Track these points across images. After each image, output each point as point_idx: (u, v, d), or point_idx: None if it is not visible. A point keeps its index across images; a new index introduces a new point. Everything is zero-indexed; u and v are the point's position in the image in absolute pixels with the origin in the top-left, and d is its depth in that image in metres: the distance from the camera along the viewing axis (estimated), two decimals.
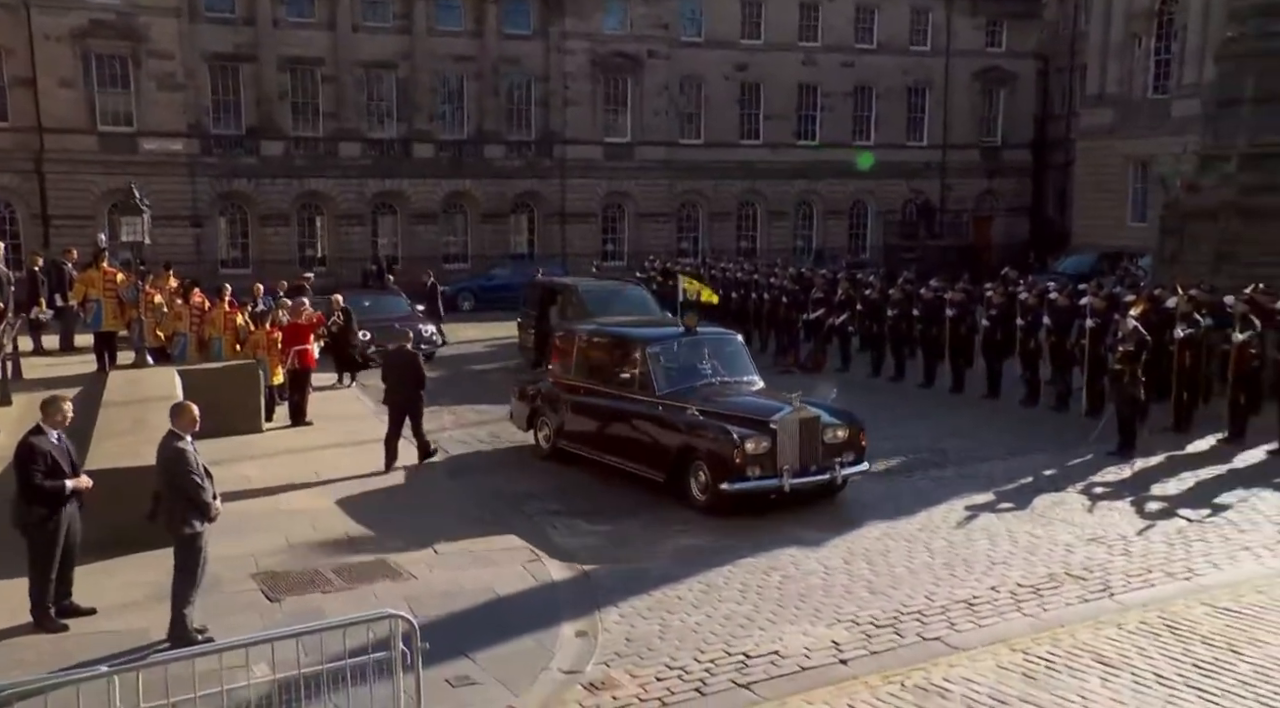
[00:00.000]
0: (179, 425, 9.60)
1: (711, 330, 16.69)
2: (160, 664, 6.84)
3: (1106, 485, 14.59)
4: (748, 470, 13.09)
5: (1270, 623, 9.84)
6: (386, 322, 26.90)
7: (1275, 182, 21.58)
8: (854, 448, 13.98)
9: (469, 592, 10.74)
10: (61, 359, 23.55)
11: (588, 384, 16.00)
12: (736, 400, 14.43)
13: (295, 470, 15.64)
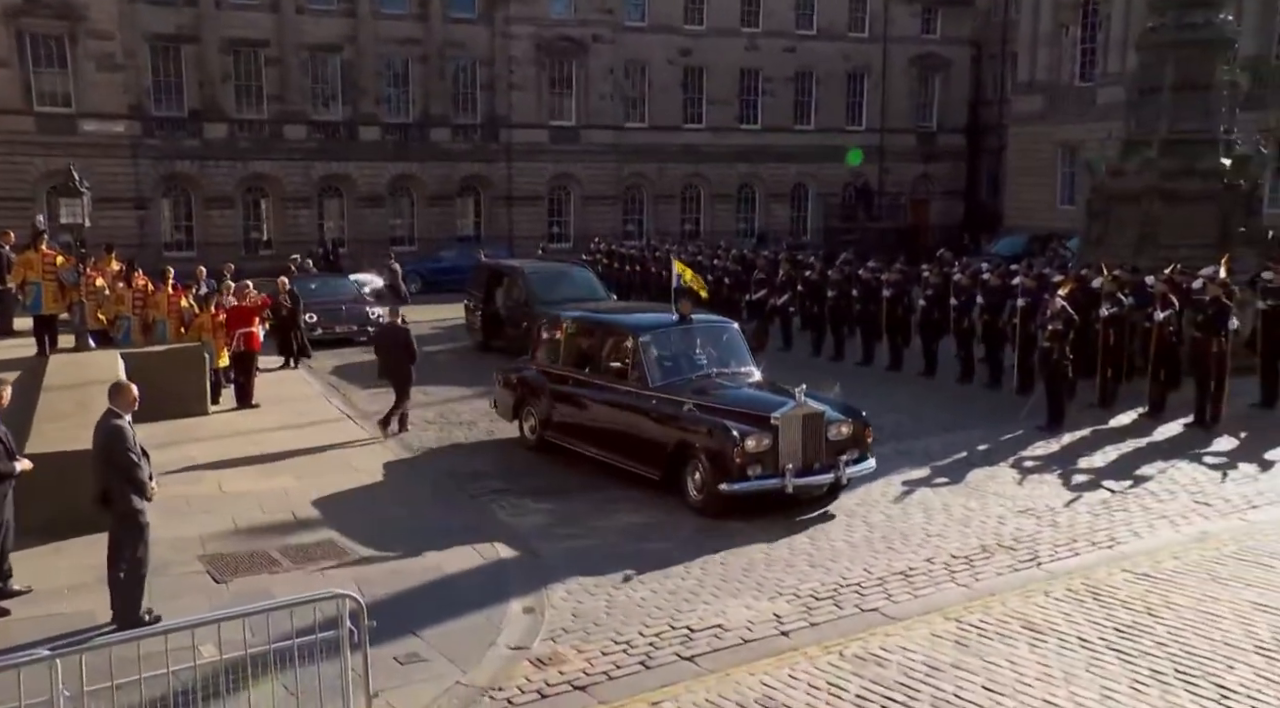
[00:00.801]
0: (118, 404, 9.46)
1: (706, 319, 15.56)
2: (104, 647, 6.76)
3: (1036, 459, 14.83)
4: (748, 470, 12.10)
5: (1184, 587, 10.11)
6: (334, 304, 26.81)
7: (1193, 167, 21.97)
8: (859, 445, 12.95)
9: (417, 571, 10.71)
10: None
11: (576, 374, 15.04)
12: (735, 394, 13.38)
13: (242, 452, 15.50)
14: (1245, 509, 12.56)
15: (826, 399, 13.37)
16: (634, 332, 14.23)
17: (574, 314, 16.33)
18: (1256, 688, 8.07)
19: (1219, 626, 9.20)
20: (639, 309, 18.02)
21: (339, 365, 23.36)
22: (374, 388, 20.57)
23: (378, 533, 11.90)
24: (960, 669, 8.42)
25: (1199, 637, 8.98)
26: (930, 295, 21.45)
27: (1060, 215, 43.96)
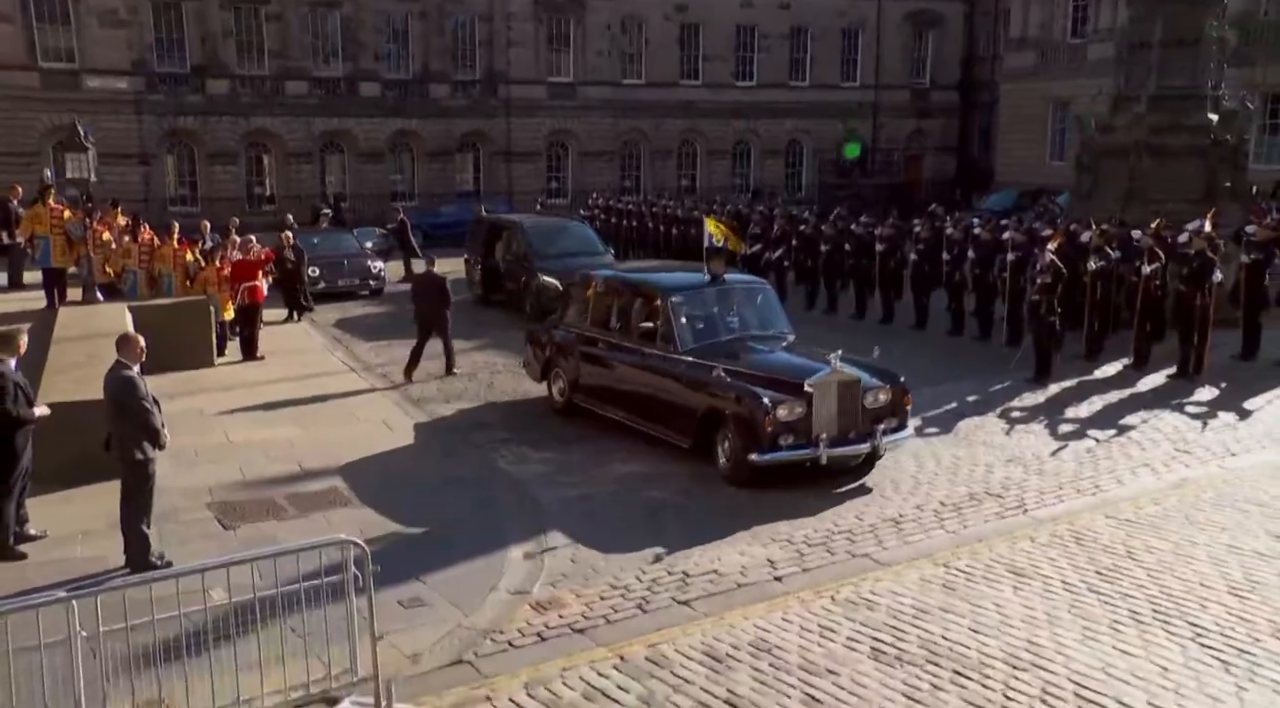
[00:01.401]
0: (126, 355, 9.51)
1: (740, 279, 14.73)
2: (118, 590, 6.87)
3: (1023, 410, 14.91)
4: (779, 439, 11.28)
5: (1163, 531, 10.24)
6: (336, 259, 26.76)
7: (1181, 122, 21.88)
8: (897, 413, 12.09)
9: (420, 518, 10.78)
10: (10, 296, 23.14)
11: (605, 336, 14.22)
12: (768, 359, 12.51)
13: (248, 403, 15.56)
14: (1224, 457, 12.69)
15: (863, 364, 12.37)
16: (664, 292, 13.39)
17: (604, 273, 15.48)
18: (1229, 626, 8.21)
19: (1195, 568, 9.34)
20: (670, 269, 16.91)
21: (341, 319, 23.37)
22: (376, 341, 20.67)
23: (381, 481, 11.99)
24: (947, 612, 8.53)
25: (1176, 579, 9.12)
26: (922, 250, 21.44)
27: (1051, 171, 43.81)
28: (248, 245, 20.02)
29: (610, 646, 8.08)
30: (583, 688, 7.43)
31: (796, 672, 7.59)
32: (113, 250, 21.94)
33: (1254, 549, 9.75)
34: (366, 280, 26.73)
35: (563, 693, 7.37)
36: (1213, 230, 16.98)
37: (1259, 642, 7.97)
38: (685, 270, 15.19)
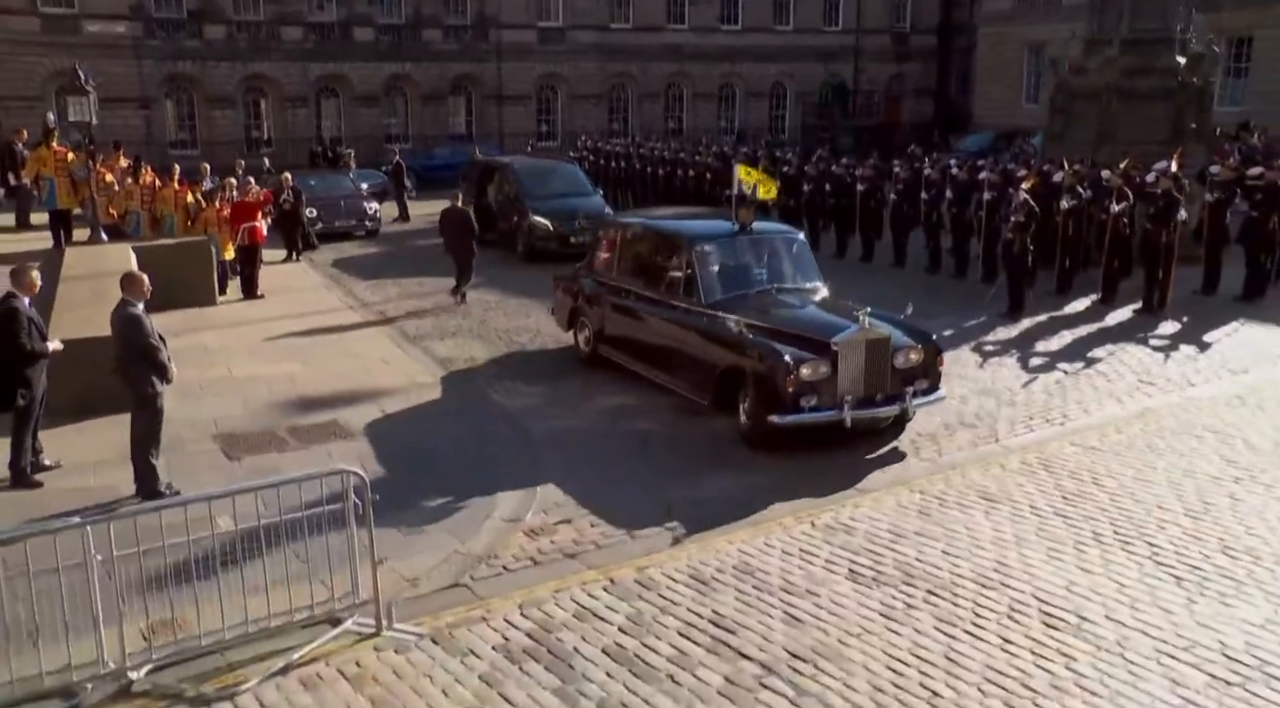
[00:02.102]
0: (130, 293, 9.50)
1: (770, 227, 13.58)
2: (130, 516, 6.93)
3: (997, 344, 14.99)
4: (802, 400, 10.34)
5: (1125, 457, 10.38)
6: (333, 200, 26.63)
7: (1150, 65, 21.73)
8: (929, 374, 11.03)
9: (416, 449, 10.84)
10: (17, 236, 22.97)
11: (629, 285, 13.27)
12: (794, 314, 11.53)
13: (250, 340, 15.57)
14: (1184, 387, 12.81)
15: (894, 320, 11.34)
16: (688, 241, 12.38)
17: (630, 220, 14.53)
18: (1183, 546, 8.37)
19: (1154, 492, 9.48)
20: (697, 216, 15.55)
21: (339, 259, 23.28)
22: (373, 280, 20.62)
23: (378, 414, 12.03)
24: (922, 536, 8.65)
25: (1135, 502, 9.26)
26: (901, 190, 21.44)
27: (1026, 113, 43.60)
28: (246, 187, 19.90)
29: (600, 569, 8.17)
30: (574, 609, 7.54)
31: (778, 593, 7.70)
32: (116, 192, 21.80)
33: (1208, 473, 9.90)
34: (363, 221, 26.63)
35: (555, 613, 7.47)
36: (1178, 170, 16.99)
37: (1209, 559, 8.13)
38: (713, 218, 14.14)
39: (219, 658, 6.87)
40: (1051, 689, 6.39)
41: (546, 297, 18.48)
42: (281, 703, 6.44)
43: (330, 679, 6.70)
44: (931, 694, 6.34)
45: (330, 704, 6.42)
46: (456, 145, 41.73)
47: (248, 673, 6.73)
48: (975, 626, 7.17)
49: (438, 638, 7.15)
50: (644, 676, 6.63)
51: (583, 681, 6.61)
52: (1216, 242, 17.54)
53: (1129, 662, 6.69)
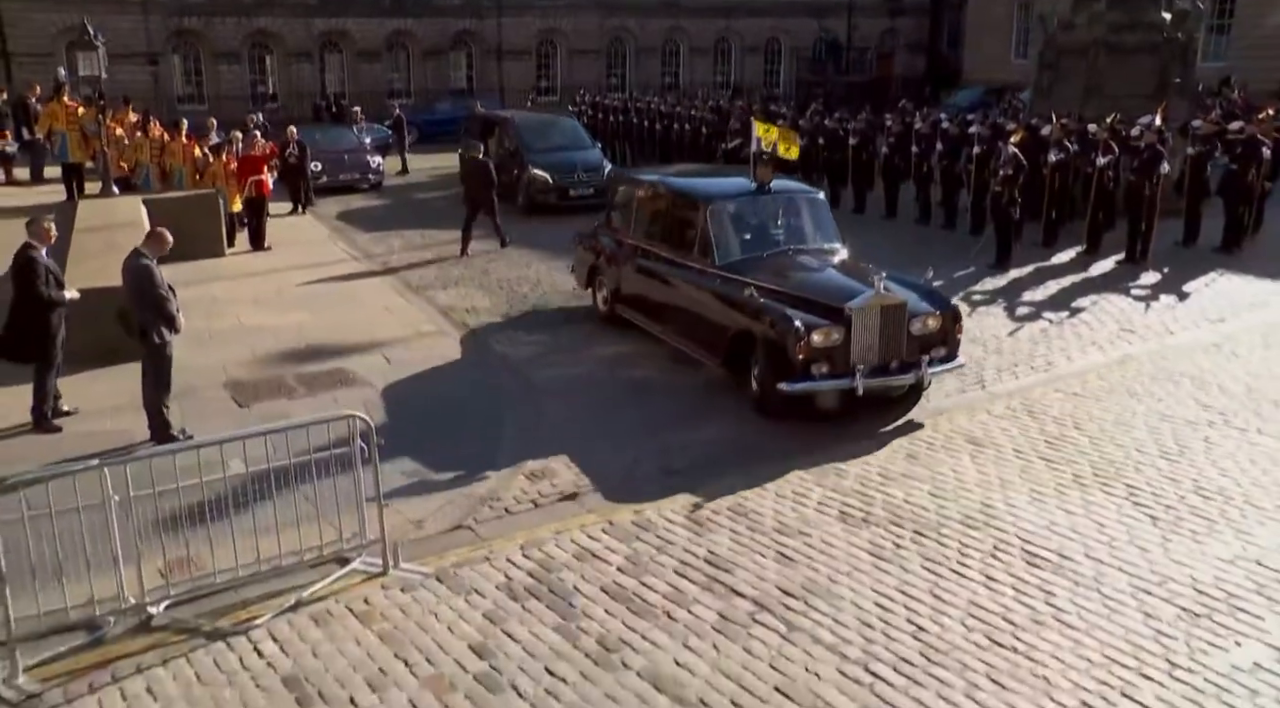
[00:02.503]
0: (149, 247, 9.50)
1: (789, 186, 12.62)
2: (145, 459, 6.98)
3: (985, 293, 14.98)
4: (813, 367, 9.71)
5: (1105, 403, 10.42)
6: (337, 154, 26.48)
7: (1137, 21, 21.49)
8: (948, 341, 10.35)
9: (420, 396, 10.89)
10: (32, 189, 22.86)
11: (645, 245, 12.65)
12: (809, 277, 10.77)
13: (258, 290, 15.55)
14: (1164, 335, 12.82)
15: (913, 285, 10.73)
16: (704, 200, 11.69)
17: (647, 177, 13.66)
18: (1159, 487, 8.45)
19: (1133, 435, 9.54)
20: (716, 173, 14.99)
21: (343, 211, 23.18)
22: (376, 231, 20.55)
23: (383, 362, 12.06)
24: (910, 478, 8.71)
25: (1114, 445, 9.32)
26: (893, 143, 21.30)
27: (1015, 69, 43.17)
28: (253, 141, 19.78)
29: (599, 511, 8.23)
30: (574, 549, 7.60)
31: (771, 533, 7.76)
32: (126, 146, 21.69)
33: (1184, 418, 9.96)
34: (366, 175, 26.50)
35: (555, 554, 7.54)
36: (1162, 125, 16.89)
37: (1184, 499, 8.21)
38: (732, 177, 13.20)
39: (233, 595, 6.96)
40: (1031, 623, 6.48)
41: (545, 247, 18.54)
42: (293, 638, 6.52)
43: (339, 616, 6.77)
44: (917, 629, 6.43)
45: (340, 640, 6.50)
46: (457, 100, 41.33)
47: (261, 609, 6.81)
48: (960, 564, 7.24)
49: (442, 577, 7.21)
50: (641, 613, 6.70)
51: (582, 618, 6.68)
52: (1197, 194, 17.48)
53: (1105, 596, 6.78)
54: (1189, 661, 6.08)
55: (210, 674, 6.17)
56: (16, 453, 9.16)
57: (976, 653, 6.18)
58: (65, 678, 6.15)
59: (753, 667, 6.09)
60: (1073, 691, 5.82)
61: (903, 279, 10.71)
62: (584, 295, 14.31)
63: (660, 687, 5.92)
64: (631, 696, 5.86)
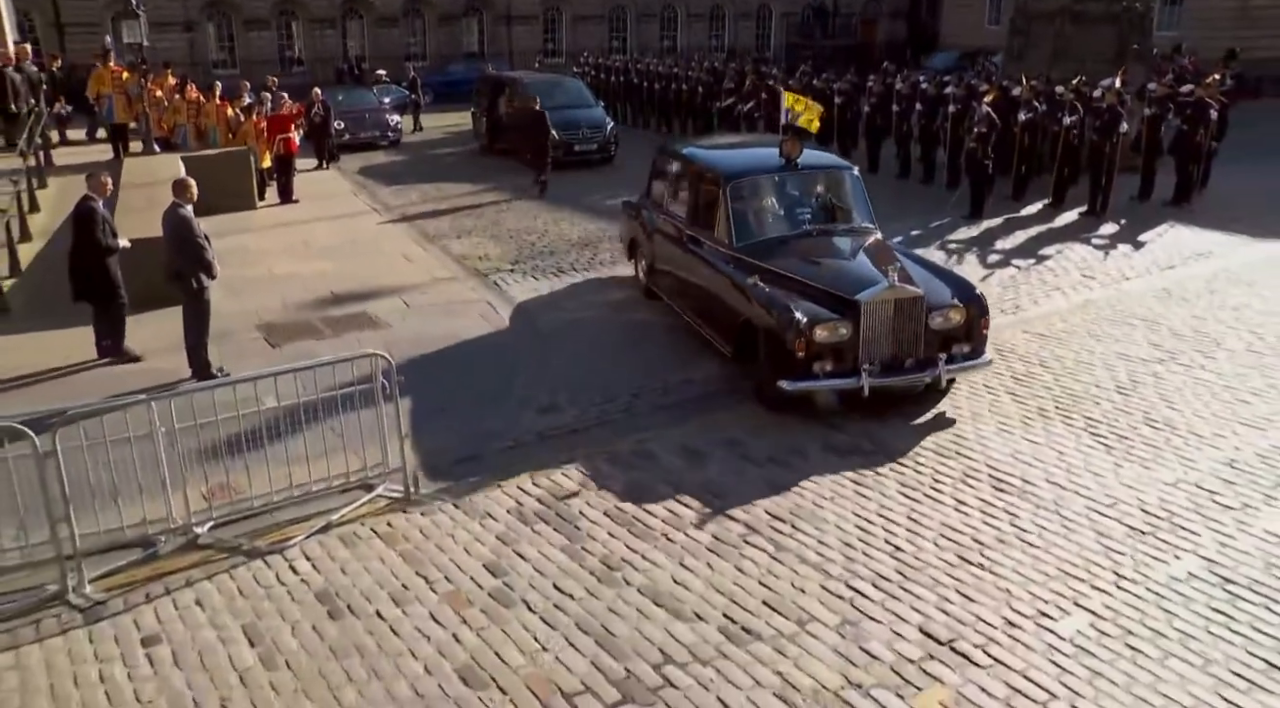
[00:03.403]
0: (181, 197, 9.48)
1: (819, 161, 10.97)
2: (188, 394, 7.02)
3: (959, 242, 14.90)
4: (815, 364, 8.37)
5: (1067, 343, 10.42)
6: (358, 113, 26.24)
7: None
8: (972, 336, 8.78)
9: (437, 337, 10.87)
10: (83, 148, 22.70)
11: (674, 220, 11.23)
12: (825, 264, 9.22)
13: (286, 241, 15.49)
14: (1120, 281, 12.77)
15: (937, 270, 9.51)
16: (723, 176, 10.17)
17: (680, 148, 11.97)
18: (1114, 418, 8.52)
19: (1092, 373, 9.56)
20: (750, 145, 12.88)
21: (364, 167, 22.98)
22: (395, 185, 20.41)
23: (402, 305, 12.05)
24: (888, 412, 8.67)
25: (1075, 381, 9.36)
26: (875, 103, 21.07)
27: (989, 34, 42.67)
28: (281, 102, 19.61)
29: (601, 444, 8.25)
30: (579, 478, 7.64)
31: (763, 463, 7.81)
32: (165, 108, 21.52)
33: (1138, 356, 9.97)
34: (385, 133, 26.28)
35: (563, 482, 7.58)
36: (1121, 87, 16.75)
37: (1135, 429, 8.27)
38: (765, 148, 11.25)
39: (269, 518, 7.03)
40: (997, 542, 6.54)
41: (551, 198, 18.47)
42: (324, 557, 6.59)
43: (365, 537, 6.84)
44: (894, 549, 6.49)
45: (366, 558, 6.57)
46: (470, 63, 40.85)
47: (294, 531, 6.88)
48: (934, 490, 7.30)
49: (459, 503, 7.27)
50: (641, 535, 6.76)
51: (587, 539, 6.74)
52: (1153, 152, 17.35)
53: (1063, 518, 6.84)
54: (1134, 573, 6.17)
55: (250, 588, 6.25)
56: (76, 389, 9.21)
57: (947, 569, 6.25)
58: (124, 589, 6.27)
59: (743, 583, 6.16)
60: (1031, 601, 5.90)
61: (926, 264, 9.54)
62: (592, 246, 14.21)
63: (659, 602, 6.00)
64: (633, 610, 5.93)
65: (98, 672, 5.50)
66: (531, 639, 5.66)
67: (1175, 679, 5.21)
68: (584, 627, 5.77)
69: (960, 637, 5.58)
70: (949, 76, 22.10)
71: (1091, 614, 5.76)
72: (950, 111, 18.66)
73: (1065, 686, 5.18)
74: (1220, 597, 5.91)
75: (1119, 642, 5.51)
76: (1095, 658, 5.38)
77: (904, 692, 5.16)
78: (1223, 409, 8.63)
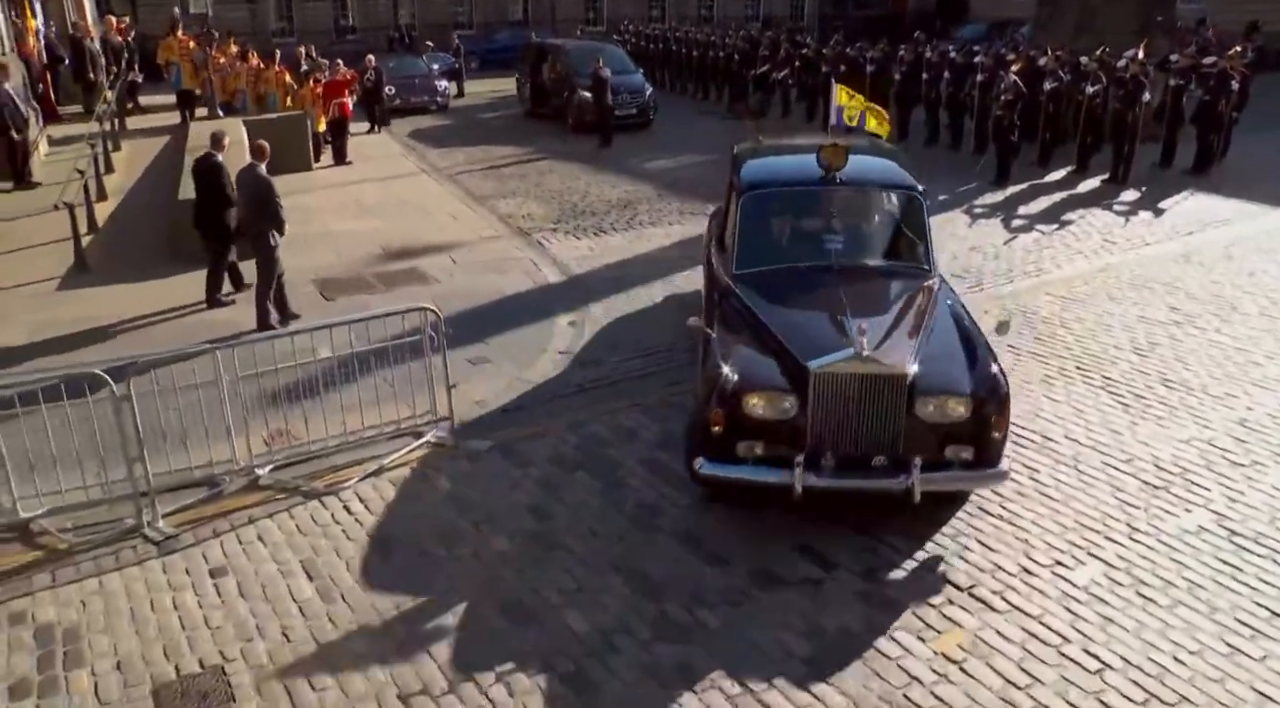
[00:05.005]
0: (259, 158, 9.60)
1: (869, 175, 7.91)
2: (249, 344, 7.11)
3: (985, 207, 14.66)
4: (742, 445, 5.90)
5: (1088, 305, 10.23)
6: (409, 79, 26.18)
7: None
8: (981, 437, 5.89)
9: (483, 292, 10.90)
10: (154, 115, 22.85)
11: (718, 232, 8.68)
12: (811, 314, 6.63)
13: (340, 200, 15.54)
14: (1140, 246, 12.49)
15: (972, 348, 6.31)
16: (741, 187, 7.75)
17: (738, 150, 8.95)
18: (1131, 377, 8.40)
19: (1111, 334, 9.41)
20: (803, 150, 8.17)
21: (414, 130, 22.92)
22: (443, 148, 20.38)
23: (449, 262, 12.07)
24: None
25: (1095, 342, 9.22)
26: (905, 72, 20.73)
27: (1017, 5, 41.39)
28: (336, 68, 19.60)
29: (638, 396, 8.25)
30: (613, 426, 7.67)
31: None
32: (228, 74, 21.61)
33: (1156, 319, 9.80)
34: (434, 98, 26.21)
35: (598, 431, 7.60)
36: (1145, 58, 16.35)
37: (1152, 389, 8.16)
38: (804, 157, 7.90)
39: (325, 461, 7.12)
40: (1016, 495, 6.50)
41: (592, 161, 18.39)
42: (376, 498, 6.68)
43: (415, 480, 6.92)
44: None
45: (415, 501, 6.65)
46: (514, 30, 40.55)
47: (348, 474, 6.97)
48: None
49: (502, 450, 7.31)
50: (672, 481, 6.78)
51: (624, 486, 6.78)
52: (1175, 122, 16.95)
53: (1080, 472, 6.79)
54: (1146, 525, 6.13)
55: (308, 526, 6.36)
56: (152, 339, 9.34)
57: (967, 520, 6.22)
58: (193, 524, 6.40)
59: (773, 531, 6.14)
60: (1048, 551, 5.88)
61: (970, 335, 6.50)
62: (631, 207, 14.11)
63: (691, 546, 6.03)
64: (666, 553, 5.98)
65: (171, 599, 5.64)
66: (570, 579, 5.72)
67: (1183, 626, 5.18)
68: (620, 568, 5.82)
69: (979, 584, 5.58)
70: (977, 46, 21.68)
71: (1105, 564, 5.73)
72: (978, 80, 18.30)
73: (1078, 631, 5.17)
74: (1228, 549, 5.86)
75: (1130, 590, 5.49)
76: (1107, 605, 5.36)
77: (924, 635, 5.17)
78: (1236, 371, 8.48)
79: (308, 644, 5.22)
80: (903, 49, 21.69)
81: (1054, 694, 4.73)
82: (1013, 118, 15.95)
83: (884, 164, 8.38)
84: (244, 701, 4.82)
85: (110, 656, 5.17)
